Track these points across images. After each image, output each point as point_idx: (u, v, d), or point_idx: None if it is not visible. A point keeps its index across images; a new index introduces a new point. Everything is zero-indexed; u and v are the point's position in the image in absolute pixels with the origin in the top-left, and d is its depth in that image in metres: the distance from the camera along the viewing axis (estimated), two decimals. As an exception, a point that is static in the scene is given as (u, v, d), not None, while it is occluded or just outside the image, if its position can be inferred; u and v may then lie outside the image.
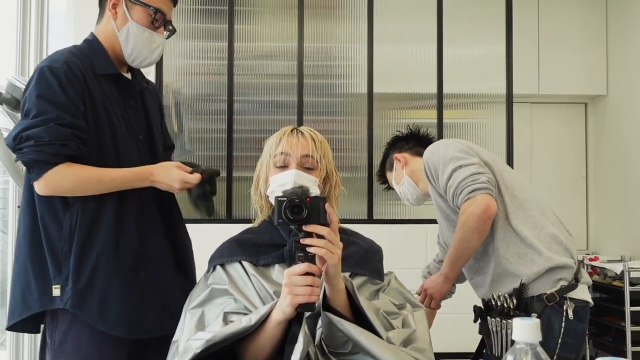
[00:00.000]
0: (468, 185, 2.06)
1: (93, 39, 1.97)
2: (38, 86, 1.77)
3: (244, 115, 3.96)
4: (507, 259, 2.11)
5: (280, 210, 1.43)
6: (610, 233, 5.02)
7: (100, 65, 1.91)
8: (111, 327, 1.79)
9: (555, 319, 1.98)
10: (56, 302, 1.79)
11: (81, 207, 1.81)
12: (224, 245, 1.71)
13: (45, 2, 3.66)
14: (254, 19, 4.02)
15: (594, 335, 4.54)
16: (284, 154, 1.68)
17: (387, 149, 2.63)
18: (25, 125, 1.73)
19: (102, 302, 1.79)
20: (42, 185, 1.76)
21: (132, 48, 1.95)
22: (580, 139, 5.29)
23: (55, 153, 1.73)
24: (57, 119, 1.73)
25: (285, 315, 1.42)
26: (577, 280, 2.05)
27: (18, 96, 2.61)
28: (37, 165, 1.74)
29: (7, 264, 3.46)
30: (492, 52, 4.11)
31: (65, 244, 1.80)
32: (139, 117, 2.01)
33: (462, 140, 2.31)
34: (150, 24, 1.94)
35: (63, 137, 1.73)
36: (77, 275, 1.78)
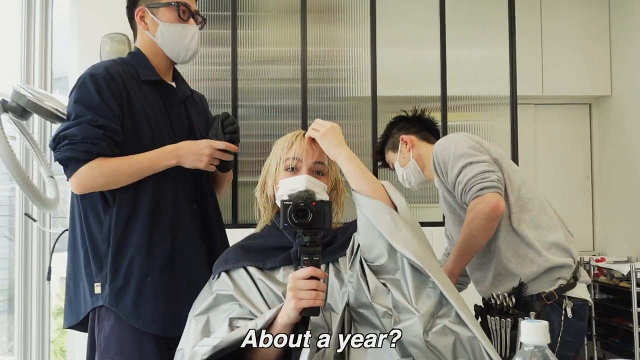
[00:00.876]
0: (477, 182, 2.07)
1: (137, 52, 2.08)
2: (77, 92, 1.90)
3: (248, 120, 3.96)
4: (508, 258, 2.13)
5: (286, 214, 1.44)
6: (616, 234, 5.01)
7: (143, 72, 2.02)
8: (145, 324, 1.86)
9: (555, 317, 2.00)
10: (99, 300, 1.87)
11: (117, 206, 1.89)
12: (228, 251, 1.72)
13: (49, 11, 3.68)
14: (257, 24, 4.02)
15: (601, 337, 4.53)
16: (295, 159, 1.69)
17: (389, 128, 2.61)
18: (62, 128, 1.85)
19: (136, 299, 1.86)
20: (76, 183, 1.86)
21: (171, 46, 2.05)
22: (585, 140, 5.28)
23: (86, 151, 1.82)
24: (91, 121, 1.84)
25: (290, 319, 1.42)
26: (575, 279, 2.07)
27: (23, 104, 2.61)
28: (70, 163, 1.84)
29: (14, 270, 3.47)
30: (495, 54, 4.10)
31: (104, 243, 1.89)
32: (181, 122, 2.08)
33: (472, 135, 2.31)
34: (178, 19, 2.03)
35: (94, 136, 1.83)
36: (114, 273, 1.87)
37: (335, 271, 1.60)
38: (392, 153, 2.59)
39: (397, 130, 2.57)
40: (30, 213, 3.28)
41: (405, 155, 2.52)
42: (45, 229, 3.41)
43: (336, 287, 1.56)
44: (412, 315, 1.41)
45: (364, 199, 1.55)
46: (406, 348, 1.41)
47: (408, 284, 1.47)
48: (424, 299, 1.45)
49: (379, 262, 1.51)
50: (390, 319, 1.43)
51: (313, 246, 1.44)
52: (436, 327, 1.40)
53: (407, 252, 1.46)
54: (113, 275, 1.86)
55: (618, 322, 4.32)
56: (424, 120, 2.59)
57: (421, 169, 2.50)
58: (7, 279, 3.55)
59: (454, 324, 1.41)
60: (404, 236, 1.49)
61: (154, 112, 1.98)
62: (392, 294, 1.46)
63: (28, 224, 3.46)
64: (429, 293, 1.46)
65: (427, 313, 1.41)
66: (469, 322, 1.40)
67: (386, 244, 1.50)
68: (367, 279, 1.50)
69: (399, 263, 1.49)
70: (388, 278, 1.50)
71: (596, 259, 4.61)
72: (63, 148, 1.83)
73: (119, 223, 1.88)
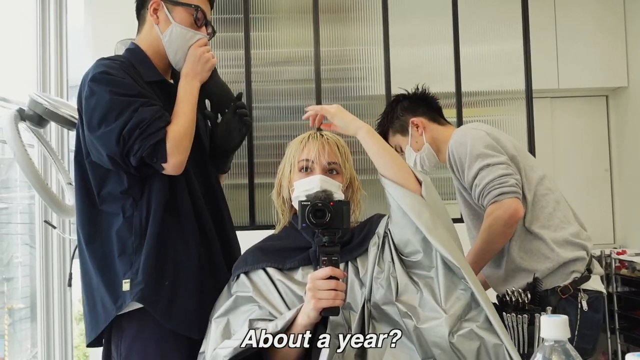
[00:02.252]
0: (495, 187, 2.07)
1: (135, 48, 1.97)
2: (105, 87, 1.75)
3: (263, 121, 3.97)
4: (521, 256, 2.14)
5: (304, 215, 1.45)
6: (637, 226, 4.96)
7: (145, 72, 1.91)
8: (176, 325, 1.77)
9: (571, 310, 2.00)
10: (127, 298, 1.76)
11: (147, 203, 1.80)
12: (247, 253, 1.72)
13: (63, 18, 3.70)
14: (269, 25, 4.03)
15: (625, 330, 4.50)
16: (308, 159, 1.69)
17: (393, 108, 2.52)
18: (120, 127, 1.70)
19: (171, 297, 1.78)
20: (172, 162, 1.75)
21: (175, 50, 1.94)
22: (603, 132, 5.24)
23: (161, 127, 1.73)
24: (142, 103, 1.73)
25: (309, 320, 1.43)
26: (589, 272, 2.07)
27: (40, 112, 2.65)
28: (154, 149, 1.72)
29: (35, 278, 3.50)
30: (509, 48, 4.08)
31: (136, 238, 1.79)
32: None
33: (488, 127, 2.27)
34: (193, 24, 1.93)
35: (156, 111, 1.74)
36: (149, 268, 1.77)
37: (355, 270, 1.59)
38: (400, 137, 2.49)
39: (403, 111, 2.48)
40: (50, 220, 3.31)
41: (417, 139, 2.44)
42: (65, 235, 3.43)
43: (356, 286, 1.56)
44: (438, 315, 1.42)
45: (399, 191, 1.56)
46: (428, 348, 1.41)
47: (440, 283, 1.47)
48: (454, 301, 1.45)
49: (414, 257, 1.53)
50: (412, 320, 1.43)
51: (331, 246, 1.45)
52: (463, 330, 1.41)
53: (446, 253, 1.46)
54: (149, 270, 1.76)
55: (641, 315, 4.29)
56: (428, 99, 2.51)
57: (436, 152, 2.44)
58: (29, 286, 3.58)
59: (482, 329, 1.42)
60: (441, 235, 1.50)
61: None
62: (423, 294, 1.47)
63: (48, 231, 3.49)
64: (459, 295, 1.46)
65: (454, 315, 1.42)
66: (498, 328, 1.40)
67: (421, 240, 1.51)
68: (398, 276, 1.50)
69: (433, 261, 1.51)
70: (422, 274, 1.51)
71: (617, 252, 4.58)
72: (138, 142, 1.70)
73: (156, 217, 1.79)
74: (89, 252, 1.86)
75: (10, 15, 3.49)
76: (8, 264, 3.46)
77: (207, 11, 1.97)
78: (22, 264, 3.59)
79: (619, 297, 4.52)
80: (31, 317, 3.57)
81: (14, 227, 3.55)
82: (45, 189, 2.72)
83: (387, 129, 2.53)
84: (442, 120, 2.49)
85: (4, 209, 3.48)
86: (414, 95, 2.53)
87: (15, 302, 3.51)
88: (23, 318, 3.58)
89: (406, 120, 2.46)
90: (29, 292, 3.60)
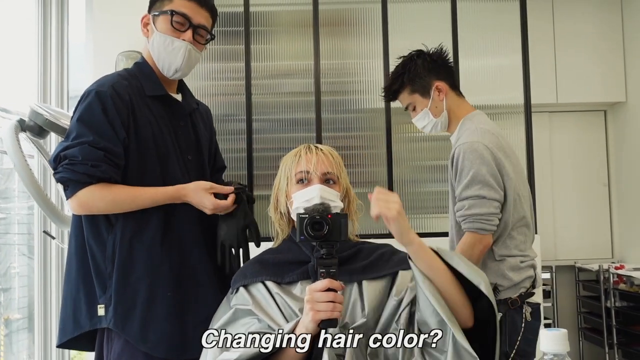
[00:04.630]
0: (482, 222, 2.20)
1: (142, 62, 2.03)
2: (81, 109, 1.83)
3: (263, 134, 3.97)
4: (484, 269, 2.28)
5: (302, 227, 1.45)
6: (635, 240, 4.97)
7: (148, 86, 1.96)
8: (153, 348, 1.80)
9: (518, 319, 2.23)
10: (102, 322, 1.82)
11: (122, 227, 1.84)
12: (246, 266, 1.73)
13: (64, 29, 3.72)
14: (270, 38, 4.04)
15: (623, 345, 4.49)
16: (306, 171, 1.70)
17: (412, 63, 2.42)
18: (63, 147, 1.78)
19: (144, 322, 1.81)
20: (75, 204, 1.81)
21: (157, 57, 1.98)
22: (601, 147, 5.26)
23: (86, 173, 1.76)
24: (92, 142, 1.78)
25: (308, 332, 1.43)
26: (534, 287, 2.29)
27: (41, 123, 2.65)
28: (70, 183, 1.78)
29: (33, 288, 3.50)
30: (508, 63, 4.09)
31: (109, 264, 1.83)
32: (188, 137, 2.04)
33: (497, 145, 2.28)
34: (171, 29, 1.95)
35: (95, 158, 1.77)
36: (119, 295, 1.81)
37: (359, 291, 1.60)
38: (420, 97, 2.42)
39: (425, 70, 2.40)
40: (49, 230, 3.30)
41: (438, 105, 2.39)
42: (63, 246, 3.42)
43: (358, 307, 1.57)
44: None
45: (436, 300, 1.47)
46: None
47: None
48: None
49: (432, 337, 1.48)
50: None
51: (330, 258, 1.45)
52: None
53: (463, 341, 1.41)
54: (119, 297, 1.81)
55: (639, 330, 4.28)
56: (449, 65, 2.47)
57: (450, 121, 2.43)
58: (27, 296, 3.57)
59: None
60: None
61: (160, 129, 1.93)
62: None
63: (47, 242, 3.48)
64: None
65: None
66: None
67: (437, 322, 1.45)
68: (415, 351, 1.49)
69: (446, 345, 1.44)
70: (434, 355, 1.48)
71: (615, 267, 4.58)
72: (63, 168, 1.77)
73: (123, 242, 1.83)
74: (77, 262, 1.89)
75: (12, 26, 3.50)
76: (5, 274, 3.46)
77: (194, 15, 1.97)
78: (19, 275, 3.58)
79: (617, 312, 4.51)
80: (28, 328, 3.56)
81: (11, 238, 3.55)
82: (45, 199, 2.72)
83: (404, 86, 2.45)
84: (458, 91, 2.47)
85: (2, 219, 3.47)
86: (432, 53, 2.46)
87: (12, 312, 3.50)
88: (20, 329, 3.57)
89: (429, 82, 2.40)
90: (27, 303, 3.59)
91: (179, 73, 2.01)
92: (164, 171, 1.92)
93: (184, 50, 1.96)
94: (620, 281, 4.54)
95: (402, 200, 1.50)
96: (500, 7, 4.10)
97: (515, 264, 2.25)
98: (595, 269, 4.72)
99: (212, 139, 2.24)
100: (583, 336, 5.01)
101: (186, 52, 1.96)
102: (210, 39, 2.07)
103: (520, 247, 2.28)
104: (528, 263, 2.30)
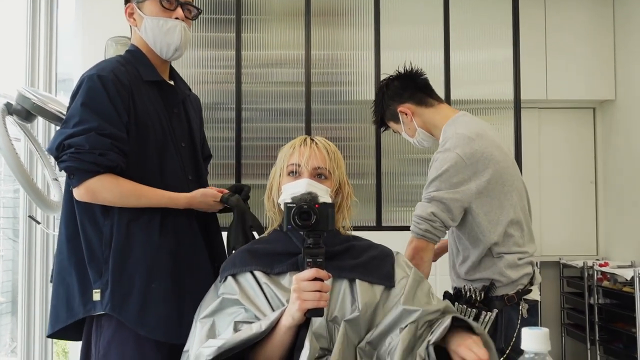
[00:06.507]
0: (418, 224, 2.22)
1: (135, 49, 2.01)
2: (84, 94, 1.80)
3: (252, 123, 3.96)
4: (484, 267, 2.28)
5: (289, 216, 1.45)
6: (619, 238, 5.00)
7: (144, 72, 1.96)
8: (150, 331, 1.80)
9: (514, 315, 2.21)
10: (97, 307, 1.80)
11: (119, 211, 1.83)
12: (235, 255, 1.73)
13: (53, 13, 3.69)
14: (261, 27, 4.03)
15: (605, 342, 4.52)
16: (296, 164, 1.70)
17: (381, 98, 2.51)
18: (67, 134, 1.76)
19: (141, 305, 1.80)
20: (83, 192, 1.79)
21: (153, 40, 1.97)
22: (589, 144, 5.27)
23: (94, 162, 1.75)
24: (98, 128, 1.76)
25: (294, 321, 1.43)
26: (531, 284, 2.26)
27: (28, 107, 2.64)
28: (77, 173, 1.77)
29: (17, 272, 3.48)
30: (499, 58, 4.10)
31: (105, 249, 1.82)
32: (181, 124, 2.04)
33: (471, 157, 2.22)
34: (162, 10, 1.95)
35: (102, 147, 1.75)
36: (116, 278, 1.80)
37: (350, 287, 1.60)
38: (394, 124, 2.51)
39: (390, 100, 2.47)
40: (34, 215, 3.29)
41: (409, 126, 2.45)
42: (49, 231, 3.41)
43: (348, 301, 1.58)
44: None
45: None
46: None
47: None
48: None
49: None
50: None
51: (317, 248, 1.45)
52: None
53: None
54: (115, 281, 1.80)
55: (621, 327, 4.31)
56: (413, 78, 2.50)
57: (429, 132, 2.45)
58: (11, 280, 3.56)
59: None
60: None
61: (157, 115, 1.93)
62: None
63: (32, 226, 3.47)
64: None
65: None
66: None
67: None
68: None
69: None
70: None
71: (600, 264, 4.60)
72: (68, 156, 1.75)
73: (121, 226, 1.82)
74: (69, 249, 1.87)
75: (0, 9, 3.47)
76: (-10, 257, 3.44)
77: None
78: (4, 258, 3.57)
79: (599, 309, 4.54)
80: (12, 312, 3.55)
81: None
82: (31, 184, 2.71)
83: (381, 118, 2.55)
84: (430, 101, 2.47)
85: (-13, 202, 3.45)
86: (397, 76, 2.51)
87: (-4, 296, 3.49)
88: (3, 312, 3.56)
89: (394, 109, 2.46)
90: (11, 287, 3.57)
91: (179, 52, 2.02)
92: (162, 158, 1.92)
93: (180, 27, 1.97)
94: (604, 278, 4.57)
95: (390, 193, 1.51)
96: (493, 1, 4.10)
97: (513, 262, 2.22)
98: (580, 265, 4.73)
99: (201, 127, 2.24)
100: (566, 332, 5.04)
101: (182, 29, 1.98)
102: (198, 14, 2.08)
103: (518, 243, 2.26)
104: (526, 260, 2.26)
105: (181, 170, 1.97)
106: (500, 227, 2.22)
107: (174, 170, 1.94)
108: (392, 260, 1.71)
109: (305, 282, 1.41)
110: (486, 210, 2.21)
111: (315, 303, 1.40)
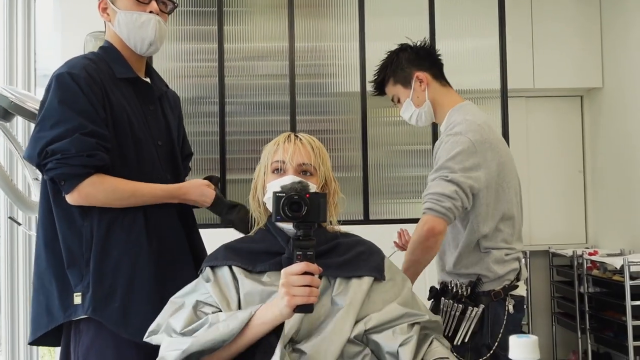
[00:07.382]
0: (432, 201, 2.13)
1: (109, 46, 1.96)
2: (59, 92, 1.75)
3: (236, 117, 3.91)
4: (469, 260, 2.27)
5: (279, 207, 1.40)
6: (609, 227, 5.00)
7: (118, 69, 1.90)
8: (134, 333, 1.74)
9: (500, 311, 2.20)
10: (79, 311, 1.76)
11: (99, 212, 1.79)
12: (218, 250, 1.69)
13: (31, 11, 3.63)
14: (243, 19, 3.98)
15: (595, 330, 4.52)
16: (281, 161, 1.66)
17: (397, 57, 2.47)
18: (48, 139, 1.70)
19: (124, 307, 1.77)
20: (77, 197, 1.74)
21: (127, 35, 1.92)
22: (577, 133, 5.27)
23: (83, 165, 1.70)
24: (80, 127, 1.71)
25: (282, 317, 1.39)
26: (518, 280, 2.26)
27: (6, 106, 2.58)
28: (68, 179, 1.72)
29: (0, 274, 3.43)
30: (485, 47, 4.07)
31: (86, 251, 1.78)
32: (158, 122, 2.00)
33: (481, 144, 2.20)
34: (136, 4, 1.90)
35: (89, 147, 1.71)
36: (97, 280, 1.76)
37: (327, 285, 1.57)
38: (402, 88, 2.43)
39: (408, 62, 2.43)
40: (15, 217, 3.23)
41: (420, 95, 2.39)
42: (30, 232, 3.35)
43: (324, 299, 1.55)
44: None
45: None
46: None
47: None
48: None
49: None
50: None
51: (307, 240, 1.39)
52: None
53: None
54: (97, 282, 1.76)
55: (611, 315, 4.31)
56: (432, 54, 2.49)
57: (435, 111, 2.42)
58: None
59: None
60: None
61: (133, 112, 1.89)
62: None
63: (13, 228, 3.42)
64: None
65: None
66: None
67: None
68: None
69: None
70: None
71: (589, 252, 4.60)
72: (55, 163, 1.70)
73: (101, 227, 1.79)
74: (48, 253, 1.83)
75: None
76: (-29, 259, 3.39)
77: None
78: (-15, 261, 3.51)
79: (589, 297, 4.53)
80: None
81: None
82: (10, 185, 2.66)
83: (388, 78, 2.48)
84: (443, 81, 2.46)
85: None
86: (419, 47, 2.49)
87: (-21, 298, 3.44)
88: (-13, 315, 3.50)
89: (410, 73, 2.41)
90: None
91: (153, 47, 1.96)
92: (139, 156, 1.88)
93: (154, 21, 1.92)
94: (594, 267, 4.56)
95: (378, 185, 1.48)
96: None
97: (500, 257, 2.21)
98: (569, 254, 4.73)
99: (180, 124, 2.19)
100: (556, 321, 5.04)
101: (156, 23, 1.93)
102: (174, 8, 2.03)
103: (507, 240, 2.25)
104: (513, 256, 2.26)
105: (160, 169, 1.93)
106: (492, 221, 2.20)
107: (152, 169, 1.91)
108: (382, 256, 1.69)
109: (294, 276, 1.36)
110: (488, 202, 2.19)
111: (305, 299, 1.35)
